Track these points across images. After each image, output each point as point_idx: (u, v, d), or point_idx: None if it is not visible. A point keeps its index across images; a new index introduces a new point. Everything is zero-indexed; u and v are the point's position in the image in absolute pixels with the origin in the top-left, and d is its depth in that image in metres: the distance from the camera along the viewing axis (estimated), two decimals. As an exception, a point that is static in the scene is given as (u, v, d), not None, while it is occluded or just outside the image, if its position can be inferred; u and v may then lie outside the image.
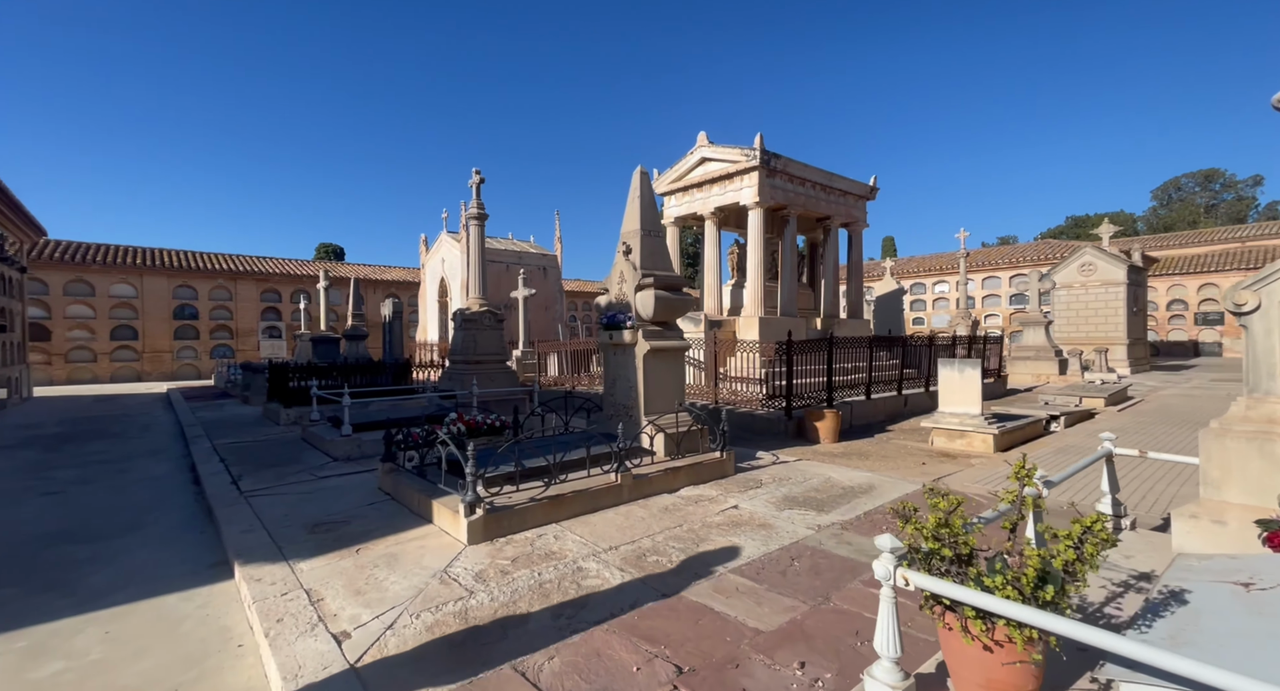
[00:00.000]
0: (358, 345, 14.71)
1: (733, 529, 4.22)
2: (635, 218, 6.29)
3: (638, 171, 6.39)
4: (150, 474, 7.04)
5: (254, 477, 6.30)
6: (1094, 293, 18.14)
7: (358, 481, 6.01)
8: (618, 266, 6.34)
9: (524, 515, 4.29)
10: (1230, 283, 30.81)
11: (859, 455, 6.79)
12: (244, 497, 5.55)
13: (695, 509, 4.70)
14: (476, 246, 9.21)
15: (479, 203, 9.23)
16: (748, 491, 5.16)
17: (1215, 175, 45.77)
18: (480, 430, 6.14)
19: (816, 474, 5.75)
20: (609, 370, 6.47)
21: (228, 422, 10.49)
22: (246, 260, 28.49)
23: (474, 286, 9.23)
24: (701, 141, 11.93)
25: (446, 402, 8.66)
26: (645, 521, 4.42)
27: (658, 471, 5.23)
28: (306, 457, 7.23)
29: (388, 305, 11.74)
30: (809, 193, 12.10)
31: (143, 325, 24.05)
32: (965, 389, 6.86)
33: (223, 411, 12.32)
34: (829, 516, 4.43)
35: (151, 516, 5.39)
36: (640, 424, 5.96)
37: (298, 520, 4.79)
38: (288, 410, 9.82)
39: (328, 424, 8.25)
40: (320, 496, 5.47)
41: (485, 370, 8.94)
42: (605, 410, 6.53)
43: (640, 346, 5.98)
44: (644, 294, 6.00)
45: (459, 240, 21.69)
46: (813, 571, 3.45)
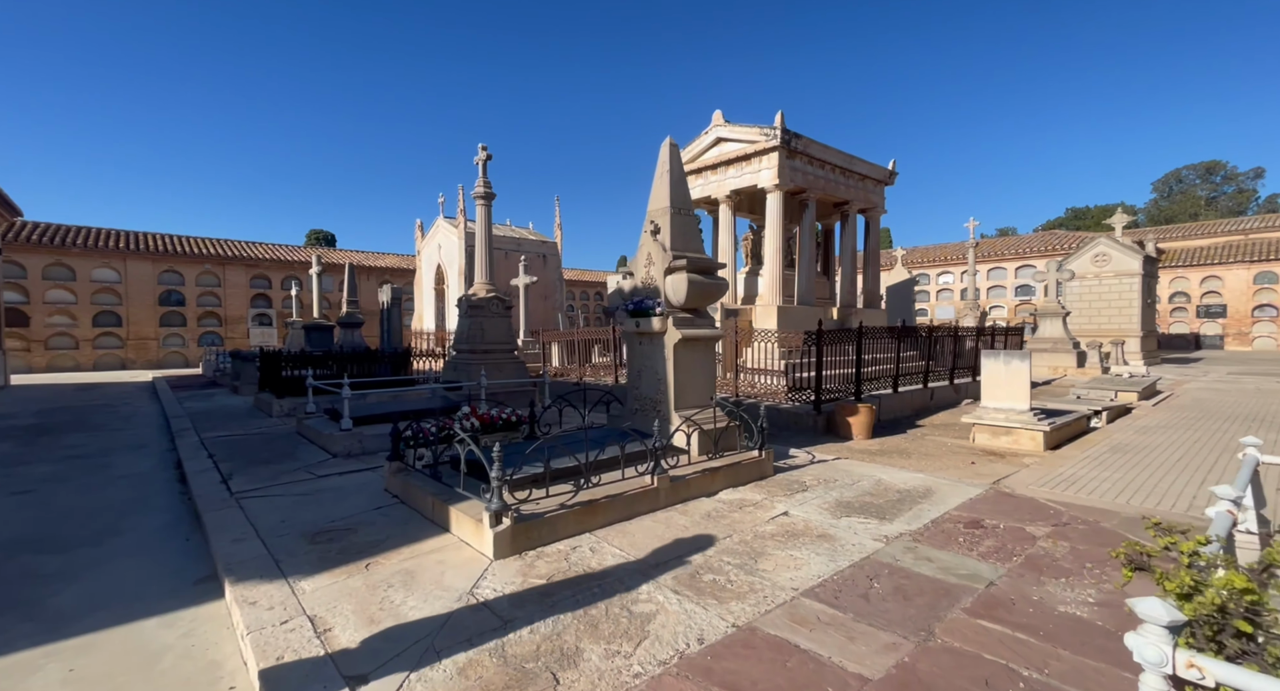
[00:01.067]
0: (353, 333, 14.10)
1: (790, 540, 3.75)
2: (664, 194, 5.75)
3: (666, 143, 5.84)
4: (132, 470, 6.49)
5: (246, 476, 5.77)
6: (1108, 284, 17.79)
7: (361, 481, 5.49)
8: (644, 248, 5.81)
9: (555, 524, 3.80)
10: (1233, 275, 30.68)
11: (899, 453, 6.34)
12: (235, 499, 5.02)
13: (741, 516, 4.23)
14: (484, 228, 8.63)
15: (485, 181, 8.64)
16: (794, 495, 4.69)
17: (1216, 167, 45.59)
18: (495, 425, 5.64)
19: (863, 475, 5.29)
20: (634, 361, 5.96)
21: (217, 414, 9.91)
22: (235, 245, 27.62)
23: (480, 271, 8.67)
24: (717, 120, 11.35)
25: (452, 394, 8.12)
26: (689, 531, 3.94)
27: (695, 473, 4.75)
28: (303, 453, 6.69)
29: (386, 291, 11.15)
30: (828, 176, 11.57)
31: (127, 311, 23.24)
32: (1012, 383, 6.42)
33: (211, 401, 11.72)
34: (893, 525, 3.97)
35: (131, 520, 4.85)
36: (670, 420, 5.47)
37: (296, 527, 4.27)
38: (281, 401, 9.25)
39: (325, 417, 7.70)
40: (321, 499, 4.95)
41: (493, 360, 8.41)
42: (629, 404, 6.03)
43: (670, 335, 5.47)
44: (675, 278, 5.49)
45: (456, 226, 21.00)
46: (899, 595, 2.98)
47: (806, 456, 6.07)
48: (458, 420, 5.46)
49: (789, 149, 10.50)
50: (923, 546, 3.60)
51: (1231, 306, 30.21)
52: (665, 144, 5.86)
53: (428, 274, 24.02)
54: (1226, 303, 30.27)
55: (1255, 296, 29.77)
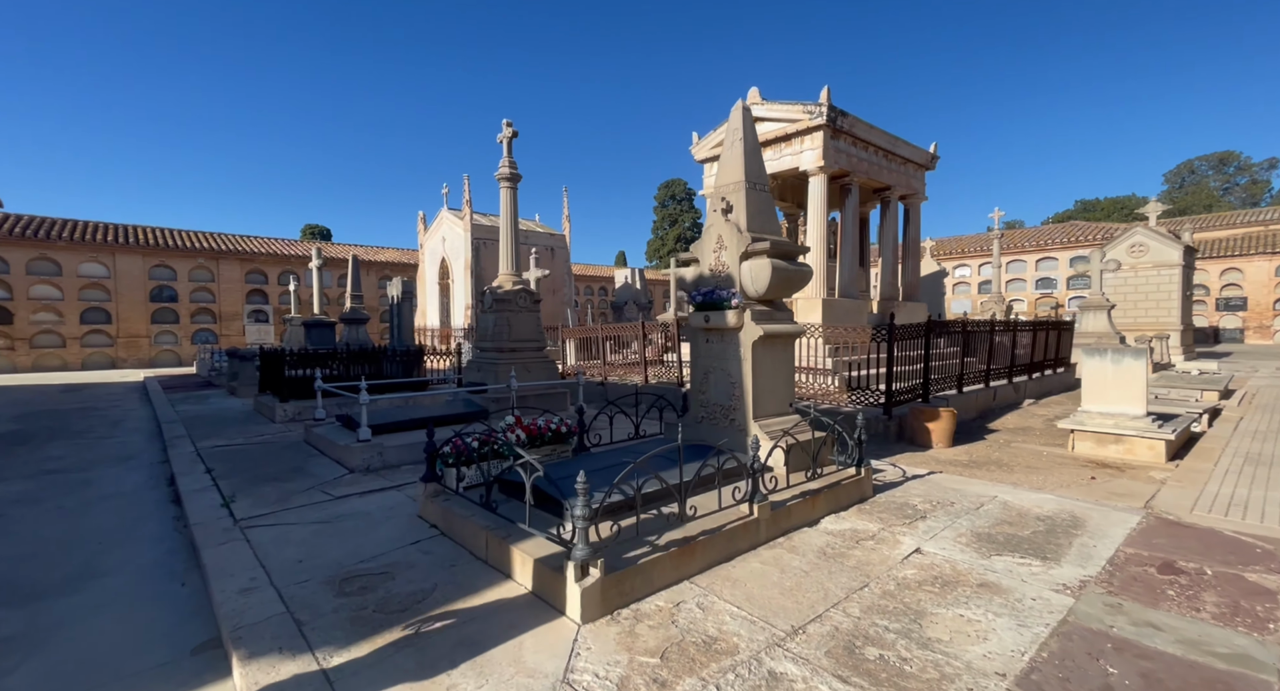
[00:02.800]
0: (357, 330, 13.25)
1: (946, 592, 2.97)
2: (737, 166, 4.94)
3: (738, 107, 5.03)
4: (118, 488, 5.67)
5: (251, 497, 4.95)
6: (1144, 275, 17.09)
7: (387, 504, 4.68)
8: (712, 229, 5.00)
9: (648, 572, 3.01)
10: (1254, 267, 30.06)
11: (995, 465, 5.58)
12: (239, 528, 4.21)
13: (864, 554, 3.45)
14: (508, 213, 7.80)
15: (510, 161, 7.79)
16: (913, 524, 3.91)
17: (1230, 158, 44.93)
18: (543, 437, 4.84)
19: (978, 495, 4.51)
20: (698, 361, 5.16)
21: (213, 419, 9.07)
22: (229, 239, 26.63)
23: (506, 261, 7.84)
24: (753, 98, 10.51)
25: (477, 398, 7.31)
26: (810, 577, 3.16)
27: (794, 497, 3.97)
28: (314, 468, 5.87)
29: (395, 285, 10.31)
30: (871, 159, 10.77)
31: (116, 308, 22.27)
32: (1123, 384, 5.65)
33: (207, 404, 10.87)
34: (1064, 569, 3.20)
35: (115, 556, 4.04)
36: (747, 430, 4.69)
37: (318, 569, 3.47)
38: (285, 405, 8.42)
39: (337, 424, 6.88)
40: (343, 528, 4.15)
41: (521, 360, 7.59)
42: (692, 411, 5.24)
43: (748, 331, 4.67)
44: (754, 263, 4.68)
45: (461, 217, 20.10)
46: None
47: (895, 470, 5.30)
48: (501, 432, 4.65)
49: (834, 128, 9.69)
50: (1126, 602, 2.82)
51: (1252, 299, 29.62)
52: (737, 108, 5.05)
53: (431, 268, 23.12)
54: (1247, 295, 29.69)
55: (1277, 288, 29.20)
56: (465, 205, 19.56)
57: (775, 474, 4.46)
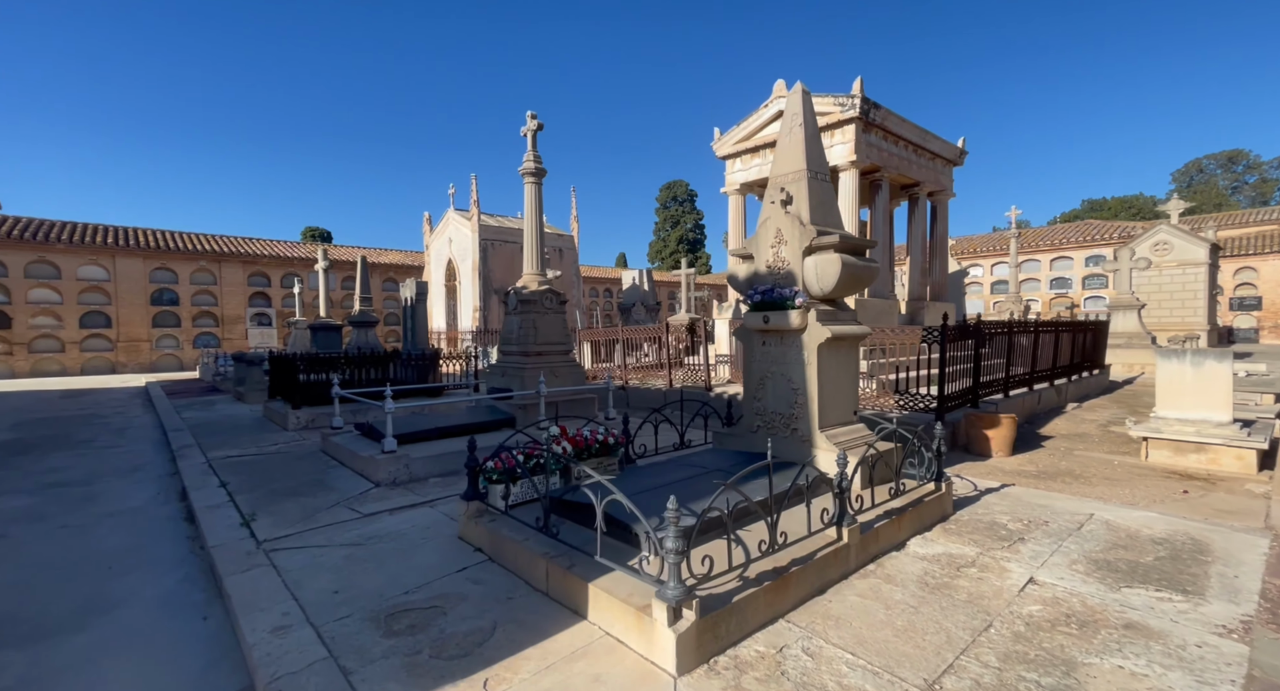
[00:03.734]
0: (366, 333, 12.85)
1: (1087, 634, 2.59)
2: (797, 153, 4.57)
3: (797, 90, 4.66)
4: (126, 504, 5.28)
5: (272, 515, 4.56)
6: (1169, 274, 16.75)
7: (422, 523, 4.30)
8: (770, 223, 4.63)
9: (743, 610, 2.62)
10: (1270, 266, 29.73)
11: (1069, 476, 5.20)
12: (264, 552, 3.82)
13: (970, 584, 3.06)
14: (533, 210, 7.42)
15: (535, 154, 7.42)
16: (1013, 547, 3.53)
17: (1239, 156, 44.67)
18: (590, 449, 4.45)
19: (1070, 512, 4.13)
20: (753, 365, 4.78)
21: (222, 426, 8.68)
22: (231, 241, 26.24)
23: (531, 260, 7.46)
24: (779, 91, 10.15)
25: (502, 405, 6.92)
26: (921, 614, 2.78)
27: (878, 518, 3.58)
28: (336, 480, 5.48)
29: (409, 286, 9.91)
30: (901, 154, 10.41)
31: (116, 311, 21.87)
32: (1205, 388, 5.28)
33: (214, 411, 10.47)
34: (1214, 605, 2.81)
35: (126, 583, 3.66)
36: (814, 441, 4.31)
37: (358, 602, 3.08)
38: (297, 412, 8.03)
39: (355, 433, 6.49)
40: (379, 552, 3.76)
41: (547, 364, 7.21)
42: (746, 420, 4.86)
43: (813, 332, 4.30)
44: (821, 259, 4.31)
45: (469, 218, 19.72)
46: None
47: (964, 483, 4.92)
48: (545, 443, 4.27)
49: (866, 121, 9.33)
50: (1305, 645, 2.44)
51: (1268, 298, 29.28)
52: (795, 92, 4.68)
53: (437, 270, 22.73)
54: (1262, 294, 29.35)
55: (1291, 289, 28.87)
56: (473, 205, 19.19)
57: (853, 491, 4.08)
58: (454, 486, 5.24)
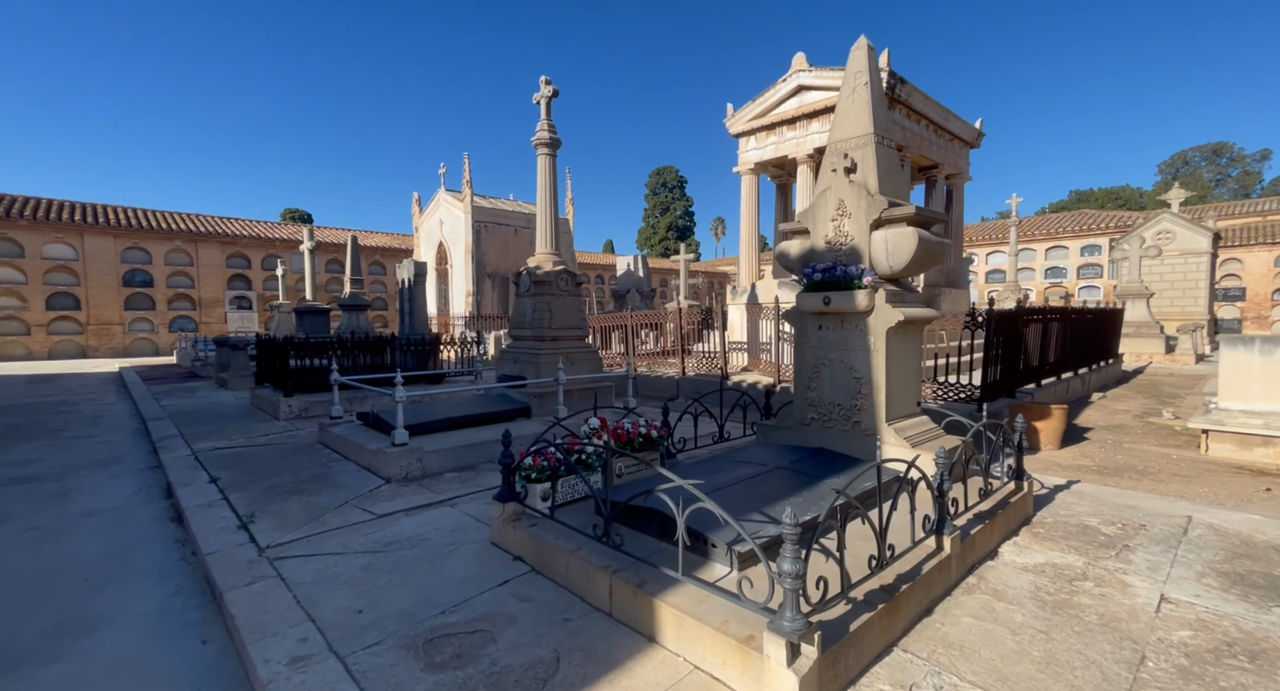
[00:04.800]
0: (357, 317, 12.21)
1: (1263, 669, 2.24)
2: (863, 116, 4.12)
3: (861, 47, 4.20)
4: (103, 502, 4.73)
5: (273, 516, 4.07)
6: (1170, 263, 16.71)
7: (444, 524, 3.84)
8: (831, 193, 4.19)
9: (860, 640, 2.22)
10: (1254, 258, 30.09)
11: (1133, 471, 4.90)
12: (268, 561, 3.34)
13: (1093, 602, 2.71)
14: (547, 184, 6.89)
15: (549, 124, 6.87)
16: (1121, 556, 3.18)
17: (1223, 149, 45.21)
18: (632, 443, 4.01)
19: (1162, 513, 3.79)
20: (807, 352, 4.37)
21: (206, 415, 8.07)
22: (208, 220, 25.10)
23: (544, 238, 6.94)
24: (798, 65, 9.66)
25: (515, 393, 6.45)
26: (1056, 640, 2.41)
27: (969, 523, 3.20)
28: (340, 476, 4.98)
29: (407, 267, 9.32)
30: (923, 134, 10.01)
31: (86, 292, 20.79)
32: (1274, 378, 5.01)
33: (196, 398, 9.82)
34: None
35: (108, 598, 3.16)
36: (881, 435, 3.92)
37: (388, 624, 2.63)
38: (289, 400, 7.46)
39: (357, 423, 5.98)
40: (401, 561, 3.30)
41: (563, 349, 6.74)
42: (798, 412, 4.45)
43: (882, 315, 3.89)
44: (893, 234, 3.88)
45: (461, 199, 18.98)
46: None
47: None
48: (586, 436, 3.82)
49: (892, 97, 8.89)
50: None
51: (1251, 289, 29.68)
52: (859, 49, 4.22)
53: (427, 253, 21.96)
54: (1246, 286, 29.72)
55: (1276, 279, 29.29)
56: (465, 185, 18.45)
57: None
58: (472, 483, 4.78)
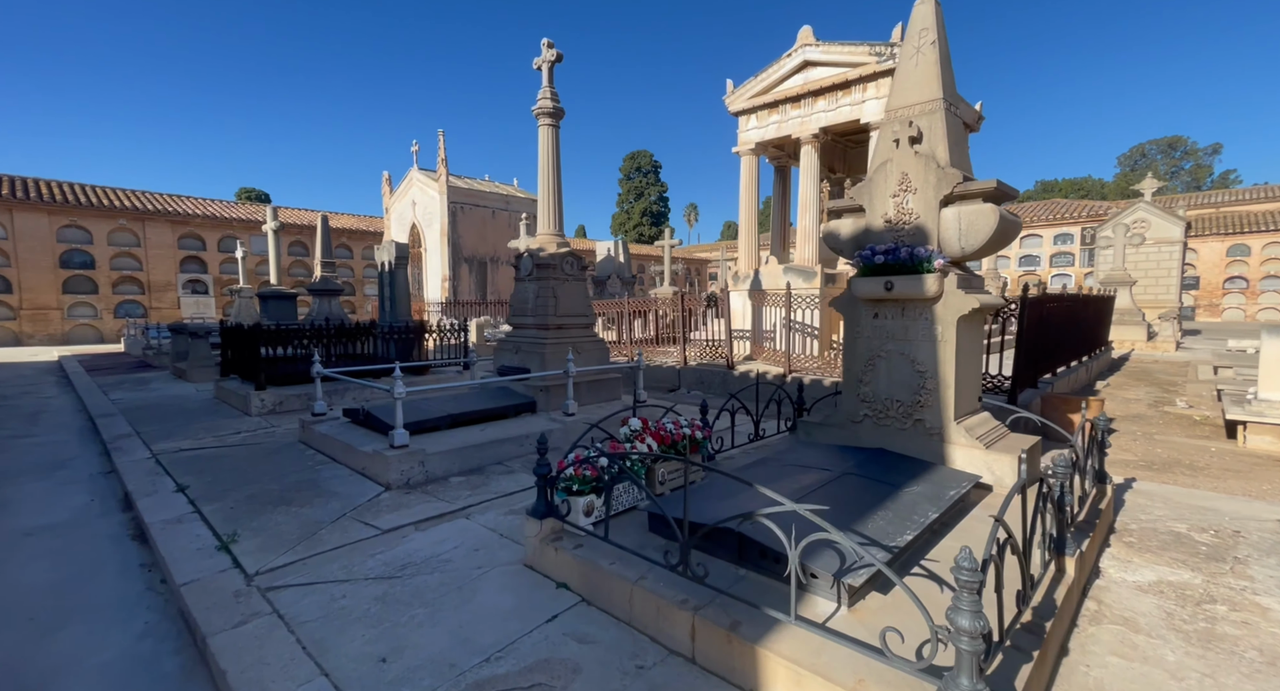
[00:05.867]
0: (329, 303, 11.39)
1: None
2: (930, 79, 3.72)
3: (927, 1, 3.77)
4: (49, 516, 4.06)
5: (257, 532, 3.50)
6: (1145, 252, 17.06)
7: (464, 540, 3.34)
8: (892, 166, 3.78)
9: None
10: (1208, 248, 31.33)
11: (1181, 466, 4.72)
12: (260, 593, 2.80)
13: (1238, 632, 2.42)
14: (550, 157, 6.31)
15: (552, 91, 6.27)
16: (1234, 568, 2.92)
17: (1178, 142, 46.92)
18: (676, 446, 3.57)
19: (1248, 516, 3.55)
20: (860, 342, 3.99)
21: (165, 410, 7.28)
22: (157, 198, 23.35)
23: (548, 217, 6.37)
24: (804, 39, 9.21)
25: (518, 387, 5.93)
26: (1225, 686, 2.08)
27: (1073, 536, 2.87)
28: (331, 481, 4.40)
29: (389, 249, 8.56)
30: (929, 116, 9.70)
31: (18, 275, 19.10)
32: (1316, 369, 4.88)
33: (150, 391, 8.94)
34: None
35: (57, 645, 2.60)
36: (946, 436, 3.57)
37: (422, 679, 2.16)
38: (261, 393, 6.75)
39: (345, 421, 5.37)
40: (424, 590, 2.80)
41: (569, 338, 6.23)
42: (847, 408, 4.08)
43: (952, 302, 3.53)
44: (966, 211, 3.51)
45: (436, 179, 18.01)
46: None
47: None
48: (626, 440, 3.36)
49: (903, 76, 8.52)
50: None
51: (1204, 278, 30.96)
52: (924, 3, 3.80)
53: (399, 235, 20.90)
54: (1200, 274, 30.98)
55: (1228, 268, 30.63)
56: (440, 164, 17.49)
57: (1001, 496, 3.39)
58: (482, 489, 4.28)
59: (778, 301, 8.12)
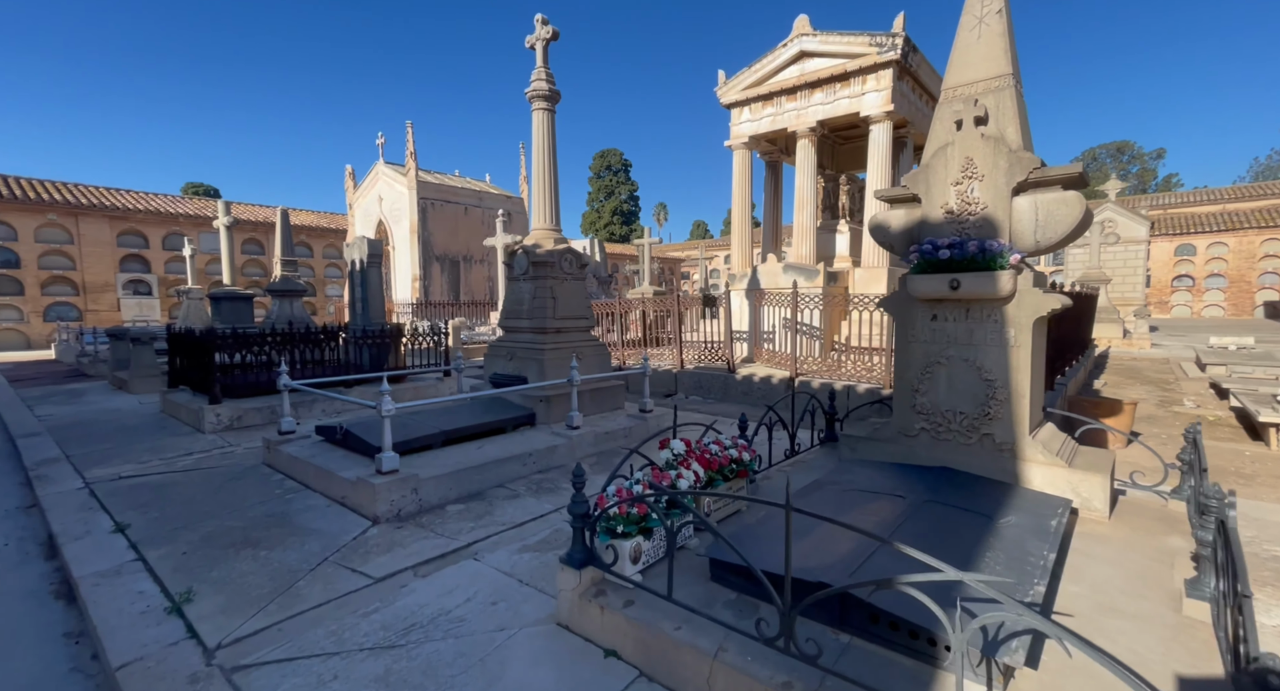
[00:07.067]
0: (291, 305, 10.48)
1: None
2: (996, 51, 3.34)
3: (992, -28, 3.39)
4: (-52, 573, 3.30)
5: (218, 587, 2.87)
6: (1113, 251, 17.48)
7: (478, 590, 2.79)
8: (953, 150, 3.39)
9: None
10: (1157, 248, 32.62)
11: (1229, 473, 4.51)
12: (223, 677, 2.22)
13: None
14: (545, 144, 5.74)
15: (547, 72, 5.71)
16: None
17: (1126, 147, 49.07)
18: (723, 471, 3.08)
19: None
20: (915, 346, 3.59)
21: (102, 427, 6.40)
22: (93, 192, 21.60)
23: (543, 212, 5.80)
24: (800, 28, 8.85)
25: (514, 398, 5.35)
26: None
27: (1190, 563, 2.52)
28: (306, 515, 3.76)
29: (360, 246, 7.77)
30: (923, 110, 9.51)
31: (-66, 275, 17.29)
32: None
33: (84, 404, 7.96)
34: None
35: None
36: (1019, 452, 3.20)
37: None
38: (218, 407, 5.97)
39: (318, 439, 4.70)
40: (436, 664, 2.25)
41: (570, 343, 5.68)
42: (901, 420, 3.67)
43: (1026, 302, 3.17)
44: (1045, 199, 3.14)
45: (404, 173, 17.08)
46: None
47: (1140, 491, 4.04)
48: (669, 466, 2.86)
49: (903, 66, 8.27)
50: None
51: (1154, 277, 32.31)
52: (987, -27, 3.40)
53: (365, 232, 19.81)
54: (1150, 273, 32.31)
55: (1175, 267, 32.06)
56: (409, 157, 16.58)
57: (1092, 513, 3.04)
58: (486, 518, 3.72)
59: (781, 301, 7.74)
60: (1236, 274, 30.82)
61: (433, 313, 14.84)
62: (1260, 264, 30.08)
